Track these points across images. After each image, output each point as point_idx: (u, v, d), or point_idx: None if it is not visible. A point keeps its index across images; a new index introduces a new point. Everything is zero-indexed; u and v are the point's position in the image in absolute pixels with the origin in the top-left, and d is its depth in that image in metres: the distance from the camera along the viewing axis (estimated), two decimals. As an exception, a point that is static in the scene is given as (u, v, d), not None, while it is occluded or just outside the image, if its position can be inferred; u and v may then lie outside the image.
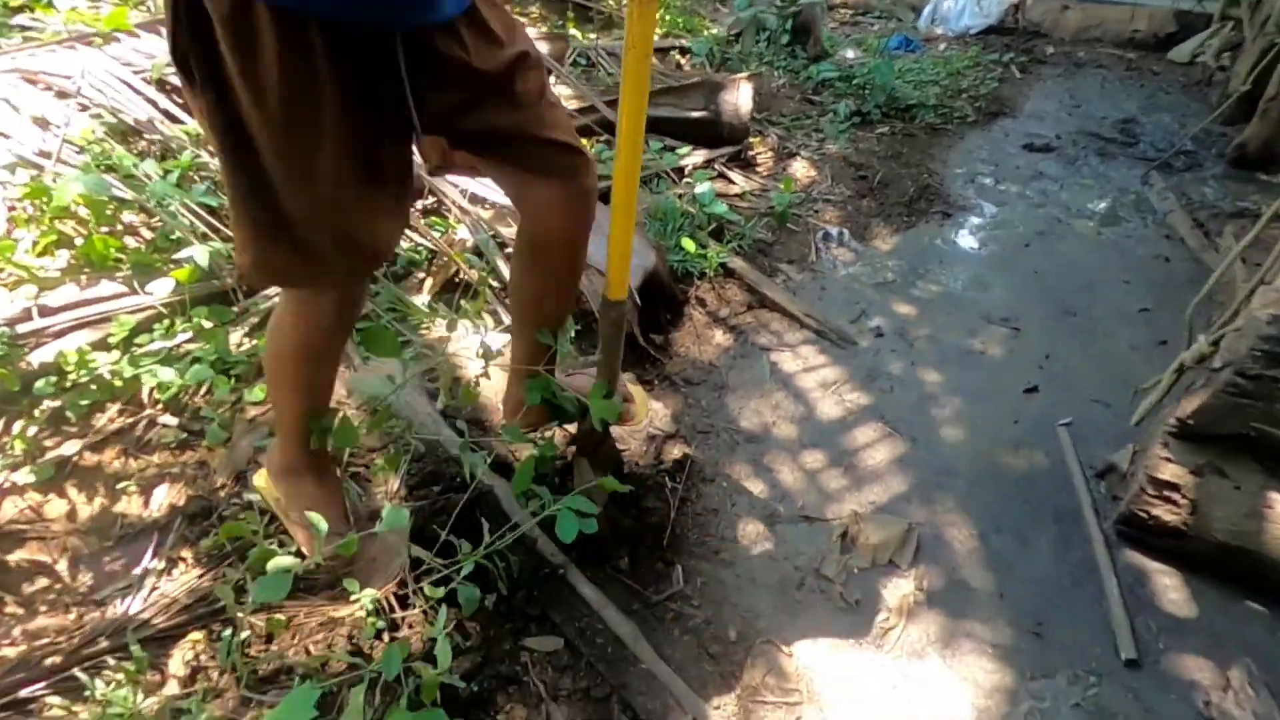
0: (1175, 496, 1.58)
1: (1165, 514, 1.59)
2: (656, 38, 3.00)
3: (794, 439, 1.98)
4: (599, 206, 1.27)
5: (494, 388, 1.89)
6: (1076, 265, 2.75)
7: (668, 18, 4.80)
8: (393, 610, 1.39)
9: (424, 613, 1.39)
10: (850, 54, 4.60)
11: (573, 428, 1.60)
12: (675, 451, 1.90)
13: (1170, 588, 1.60)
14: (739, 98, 3.05)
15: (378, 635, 1.37)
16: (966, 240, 2.92)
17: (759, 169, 3.22)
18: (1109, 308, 2.50)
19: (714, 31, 4.63)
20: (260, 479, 1.44)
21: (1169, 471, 1.59)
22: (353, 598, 1.38)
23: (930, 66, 4.55)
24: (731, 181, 3.05)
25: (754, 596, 1.58)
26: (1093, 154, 3.69)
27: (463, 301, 2.13)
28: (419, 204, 2.37)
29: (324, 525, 1.18)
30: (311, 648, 1.35)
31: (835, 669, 1.46)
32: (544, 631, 1.48)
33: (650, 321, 2.26)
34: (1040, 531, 1.73)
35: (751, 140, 3.28)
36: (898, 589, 1.61)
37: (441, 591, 1.31)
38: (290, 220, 0.99)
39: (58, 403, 1.61)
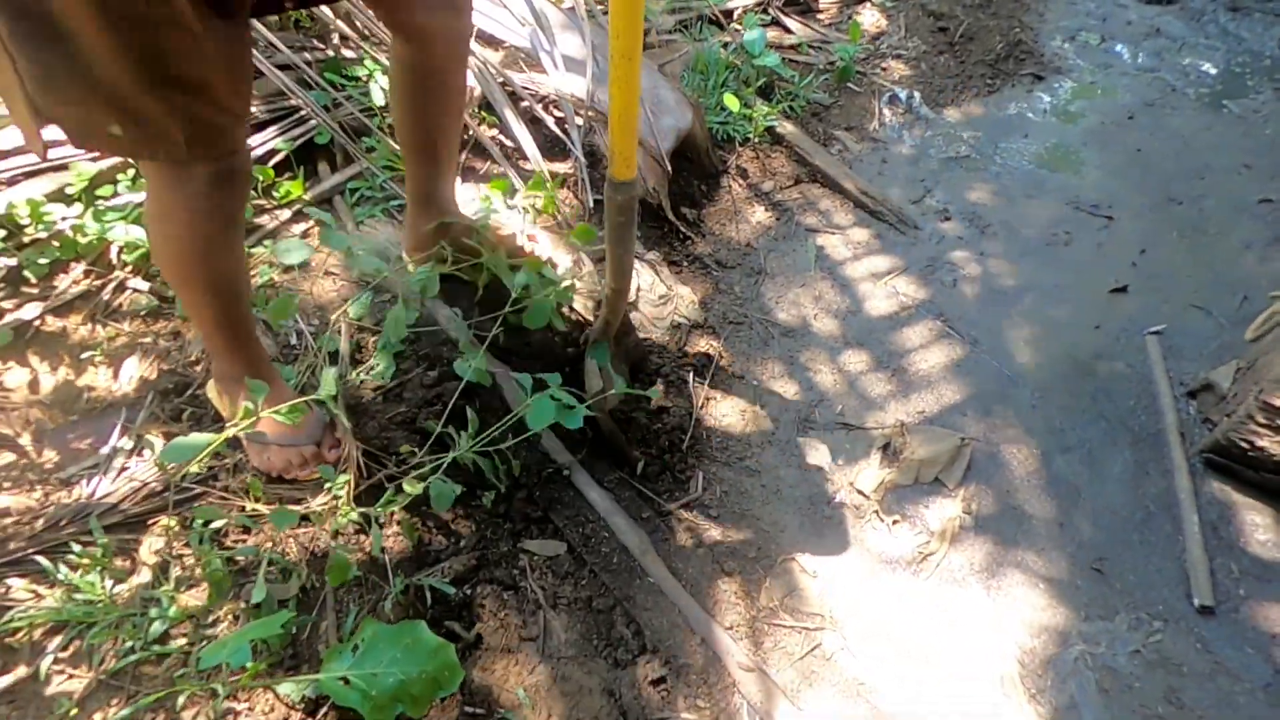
0: (1290, 427, 1.34)
1: (1274, 445, 1.35)
2: None
3: (836, 335, 1.75)
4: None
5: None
6: (1189, 144, 2.34)
7: None
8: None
9: (407, 510, 1.27)
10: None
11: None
12: (701, 343, 1.69)
13: (1260, 527, 1.40)
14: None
15: (361, 530, 1.26)
16: (1059, 109, 2.50)
17: (820, 15, 2.77)
18: (1222, 197, 2.14)
19: None
20: (211, 389, 1.31)
21: (1287, 397, 1.34)
22: (325, 485, 1.26)
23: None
24: (787, 30, 2.63)
25: (779, 510, 1.43)
26: (1223, 8, 3.09)
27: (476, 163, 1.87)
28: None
29: (263, 389, 1.03)
30: (292, 542, 1.25)
31: (862, 595, 1.32)
32: (545, 535, 1.36)
33: (681, 193, 1.98)
34: (1114, 455, 1.52)
35: (814, -21, 2.79)
36: (942, 510, 1.44)
37: (419, 488, 1.17)
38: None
39: (13, 260, 1.45)
